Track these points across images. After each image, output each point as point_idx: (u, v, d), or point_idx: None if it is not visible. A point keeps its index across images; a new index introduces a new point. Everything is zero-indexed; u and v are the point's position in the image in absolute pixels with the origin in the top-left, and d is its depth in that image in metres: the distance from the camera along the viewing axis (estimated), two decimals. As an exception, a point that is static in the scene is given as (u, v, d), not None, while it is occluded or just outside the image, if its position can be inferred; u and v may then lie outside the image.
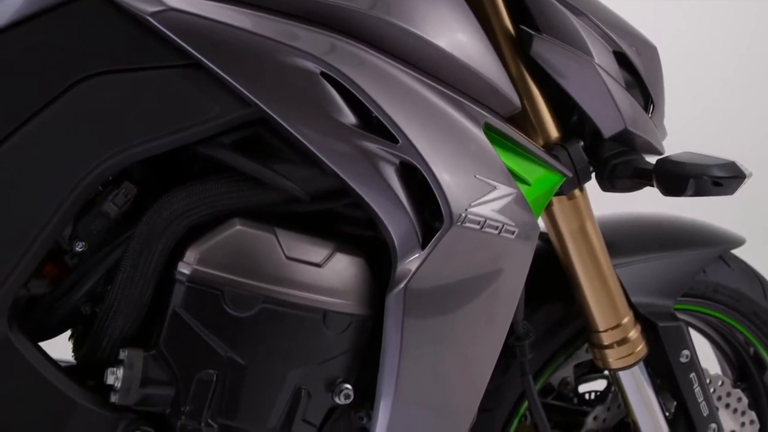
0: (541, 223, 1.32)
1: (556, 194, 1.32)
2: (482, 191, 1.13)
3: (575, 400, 1.64)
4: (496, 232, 1.15)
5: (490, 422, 1.50)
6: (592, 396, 1.66)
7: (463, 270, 1.15)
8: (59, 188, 1.05)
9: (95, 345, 1.11)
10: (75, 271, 1.12)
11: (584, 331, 1.50)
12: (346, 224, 1.18)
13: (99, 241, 1.11)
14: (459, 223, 1.12)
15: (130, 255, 1.09)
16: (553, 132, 1.33)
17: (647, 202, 1.61)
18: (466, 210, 1.12)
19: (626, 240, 1.53)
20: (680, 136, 1.49)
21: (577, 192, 1.37)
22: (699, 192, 1.27)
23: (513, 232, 1.16)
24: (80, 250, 1.10)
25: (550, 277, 1.44)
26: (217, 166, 1.12)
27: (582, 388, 1.66)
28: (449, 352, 1.19)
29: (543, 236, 1.37)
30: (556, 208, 1.38)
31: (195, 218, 1.09)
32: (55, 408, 1.08)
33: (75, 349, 1.21)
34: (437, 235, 1.11)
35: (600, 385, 1.67)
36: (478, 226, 1.13)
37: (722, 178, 1.27)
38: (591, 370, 1.66)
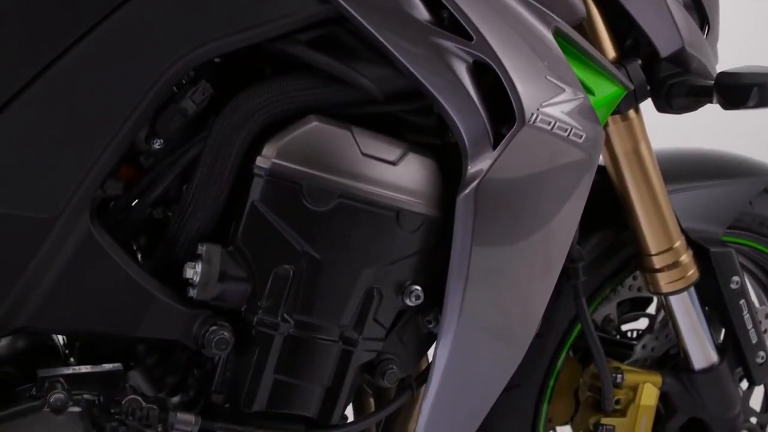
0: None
1: (612, 114, 1.34)
2: (553, 92, 1.14)
3: (618, 338, 1.65)
4: (565, 134, 1.16)
5: (541, 348, 1.51)
6: (635, 335, 1.67)
7: (532, 171, 1.16)
8: (140, 83, 1.06)
9: (172, 243, 1.12)
10: (151, 171, 1.13)
11: (631, 261, 1.52)
12: (415, 132, 1.20)
13: (175, 140, 1.12)
14: (531, 122, 1.13)
15: (209, 151, 1.10)
16: (611, 51, 1.35)
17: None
18: (537, 109, 1.13)
19: (676, 168, 1.54)
20: (679, 134, 1.49)
21: (632, 113, 1.38)
22: (762, 101, 1.28)
23: (580, 137, 1.17)
24: (158, 147, 1.12)
25: (602, 205, 1.45)
26: (291, 66, 1.13)
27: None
28: (516, 261, 1.20)
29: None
30: (611, 129, 1.39)
31: (272, 113, 1.10)
32: (134, 301, 1.10)
33: (144, 259, 1.22)
34: (510, 133, 1.12)
35: (641, 324, 1.69)
36: (548, 127, 1.14)
37: None
38: (632, 309, 1.68)
